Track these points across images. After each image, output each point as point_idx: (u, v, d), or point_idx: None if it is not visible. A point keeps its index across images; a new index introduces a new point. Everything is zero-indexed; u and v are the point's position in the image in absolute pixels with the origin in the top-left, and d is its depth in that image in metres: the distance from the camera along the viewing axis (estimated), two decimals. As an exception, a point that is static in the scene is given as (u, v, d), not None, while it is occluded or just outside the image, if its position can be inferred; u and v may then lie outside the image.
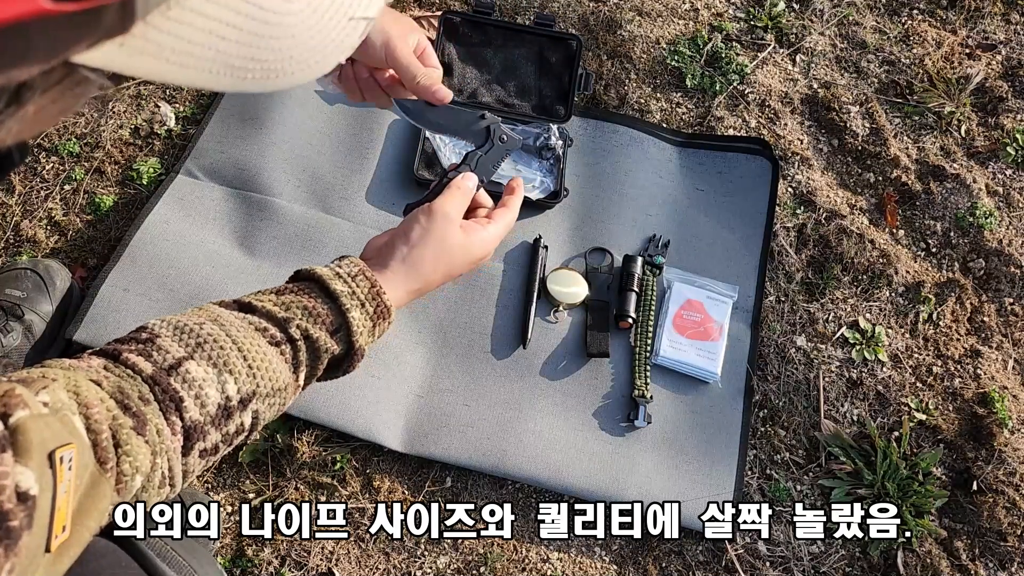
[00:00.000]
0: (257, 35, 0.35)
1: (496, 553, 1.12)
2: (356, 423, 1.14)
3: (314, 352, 0.71)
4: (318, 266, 0.76)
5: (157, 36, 0.31)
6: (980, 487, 1.18)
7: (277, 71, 0.37)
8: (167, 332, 0.66)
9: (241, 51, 0.35)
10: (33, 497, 0.46)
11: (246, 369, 0.67)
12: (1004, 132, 1.49)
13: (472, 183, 0.85)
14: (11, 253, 1.26)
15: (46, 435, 0.49)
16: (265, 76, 0.37)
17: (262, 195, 1.30)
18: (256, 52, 0.35)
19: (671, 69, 1.50)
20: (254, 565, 1.09)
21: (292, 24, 0.36)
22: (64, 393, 0.56)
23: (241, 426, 0.68)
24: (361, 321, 0.73)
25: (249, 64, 0.35)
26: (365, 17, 0.39)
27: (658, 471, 1.16)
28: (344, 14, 0.38)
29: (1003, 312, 1.34)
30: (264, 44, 0.35)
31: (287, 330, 0.70)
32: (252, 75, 0.36)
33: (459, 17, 1.42)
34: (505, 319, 1.25)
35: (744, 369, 1.24)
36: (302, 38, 0.37)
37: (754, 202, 1.37)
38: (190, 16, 0.32)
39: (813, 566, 1.15)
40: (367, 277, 0.75)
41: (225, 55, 0.34)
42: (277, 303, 0.71)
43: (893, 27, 1.60)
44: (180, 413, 0.63)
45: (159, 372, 0.63)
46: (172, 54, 0.32)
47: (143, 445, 0.59)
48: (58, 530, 0.49)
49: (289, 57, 0.37)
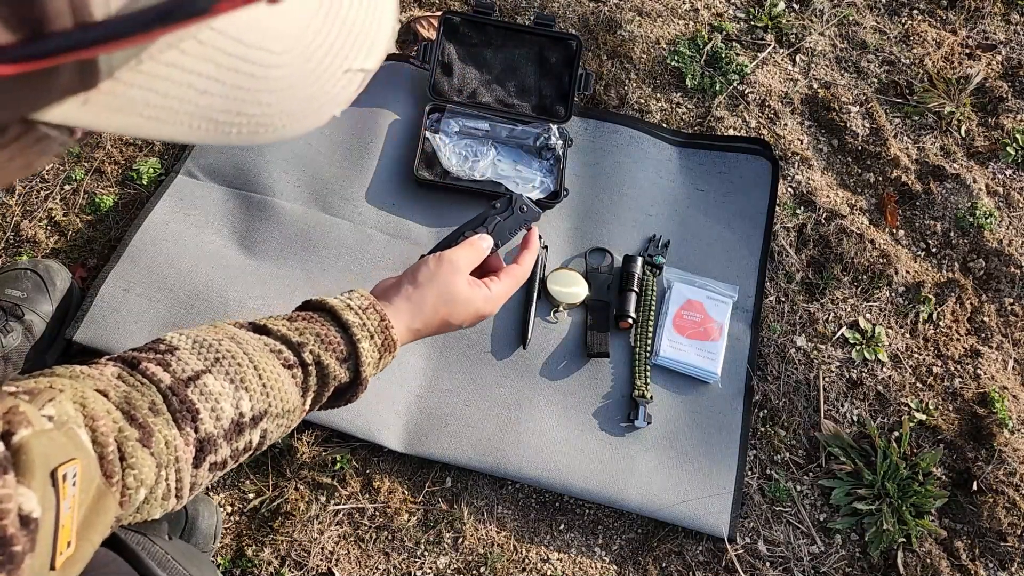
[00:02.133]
0: (241, 88, 0.33)
1: (496, 553, 1.12)
2: (356, 423, 1.14)
3: (323, 378, 0.72)
4: (329, 297, 0.78)
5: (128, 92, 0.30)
6: (980, 487, 1.18)
7: (265, 125, 0.35)
8: (186, 345, 0.67)
9: (225, 105, 0.33)
10: (36, 520, 0.46)
11: (261, 388, 0.68)
12: (1004, 132, 1.49)
13: (486, 244, 0.89)
14: (11, 253, 1.26)
15: (49, 452, 0.49)
16: (253, 131, 0.35)
17: (262, 195, 1.30)
18: (241, 106, 0.33)
19: (671, 69, 1.50)
20: (254, 565, 1.09)
21: (279, 77, 0.34)
22: (70, 405, 0.56)
23: (249, 443, 0.68)
24: (370, 352, 0.75)
25: (234, 119, 0.34)
26: (362, 69, 0.38)
27: (658, 471, 1.16)
28: (339, 66, 0.36)
29: (1003, 312, 1.34)
30: (250, 98, 0.33)
31: (300, 354, 0.71)
32: (238, 129, 0.34)
33: (459, 17, 1.42)
34: (505, 319, 1.25)
35: (744, 369, 1.24)
36: (292, 91, 0.35)
37: (754, 202, 1.37)
38: (165, 71, 0.30)
39: (813, 566, 1.15)
40: (377, 311, 0.77)
41: (207, 109, 0.32)
42: (291, 328, 0.73)
43: (893, 27, 1.60)
44: (195, 424, 0.63)
45: (177, 383, 0.64)
46: (147, 109, 0.31)
47: (148, 458, 0.59)
48: (63, 547, 0.49)
49: (279, 111, 0.35)
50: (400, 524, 1.12)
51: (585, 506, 1.17)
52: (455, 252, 0.85)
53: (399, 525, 1.12)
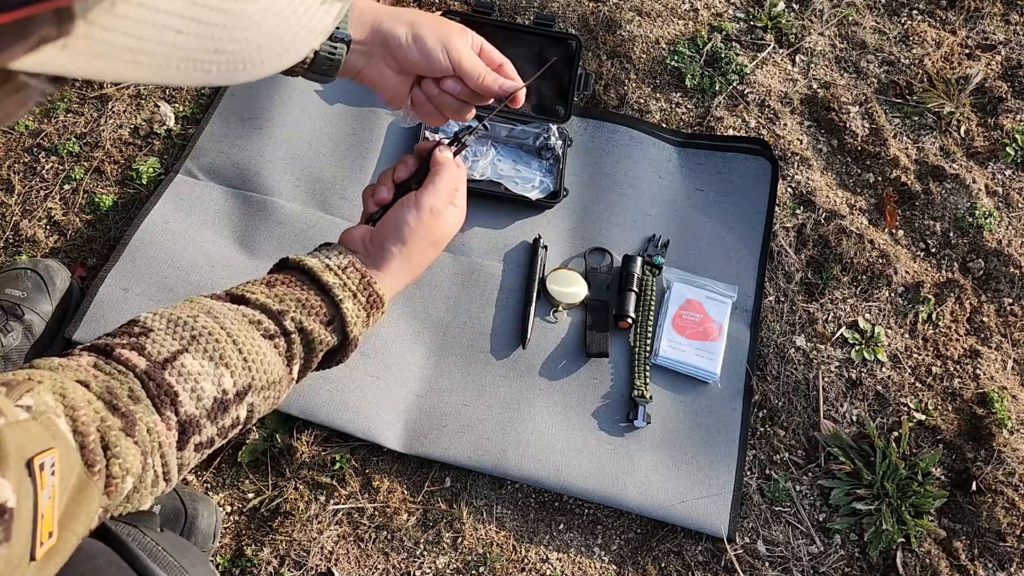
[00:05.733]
0: (217, 26, 0.33)
1: (495, 553, 1.12)
2: (355, 423, 1.14)
3: (309, 345, 0.71)
4: (307, 257, 0.75)
5: (104, 35, 0.29)
6: (979, 487, 1.18)
7: (244, 61, 0.34)
8: (160, 325, 0.66)
9: (201, 44, 0.32)
10: (11, 509, 0.46)
11: (242, 362, 0.66)
12: (1004, 132, 1.49)
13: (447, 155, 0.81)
14: (11, 253, 1.26)
15: (24, 442, 0.48)
16: (231, 68, 0.34)
17: (262, 195, 1.30)
18: (218, 44, 0.33)
19: (671, 69, 1.50)
20: (253, 565, 1.09)
21: (255, 11, 0.34)
22: (50, 396, 0.55)
23: (237, 419, 0.67)
24: (354, 312, 0.73)
25: (212, 56, 0.33)
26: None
27: (657, 471, 1.16)
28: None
29: (1002, 312, 1.34)
30: (226, 35, 0.33)
31: (282, 323, 0.70)
32: (217, 67, 0.34)
33: (459, 17, 1.42)
34: (505, 319, 1.25)
35: (743, 369, 1.24)
36: (268, 25, 0.34)
37: (754, 202, 1.37)
38: (138, 11, 0.30)
39: (812, 566, 1.15)
40: (357, 268, 0.75)
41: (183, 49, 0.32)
42: (270, 295, 0.71)
43: (893, 27, 1.60)
44: (175, 407, 0.62)
45: (153, 367, 0.63)
46: (124, 52, 0.30)
47: (132, 446, 0.58)
48: (44, 537, 0.49)
49: (256, 46, 0.34)
50: (399, 524, 1.12)
51: (584, 506, 1.17)
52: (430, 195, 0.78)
53: (398, 525, 1.12)
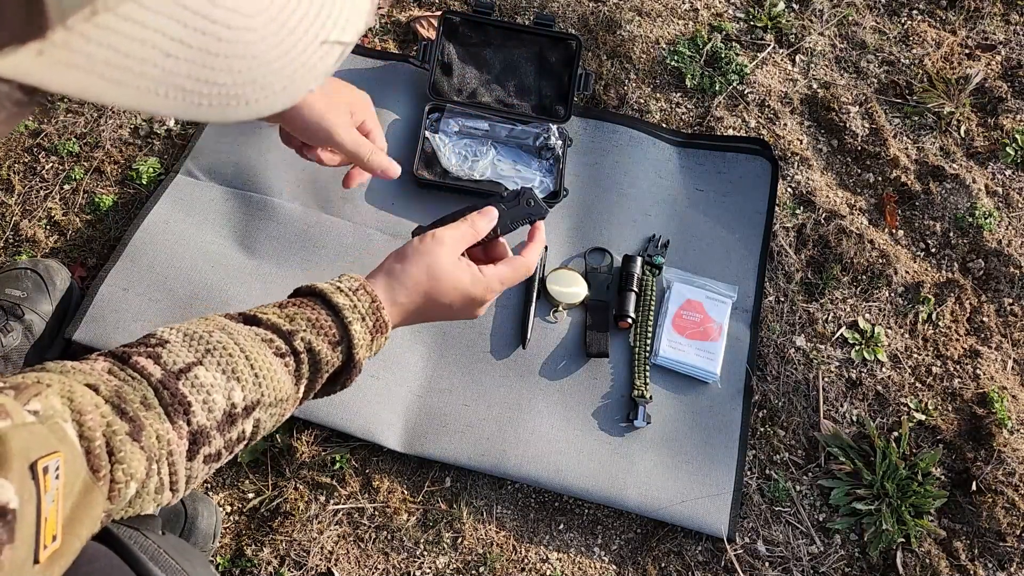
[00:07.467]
0: (210, 53, 0.31)
1: (496, 553, 1.12)
2: (355, 423, 1.14)
3: (315, 365, 0.72)
4: (319, 282, 0.77)
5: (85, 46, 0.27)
6: (979, 487, 1.18)
7: (237, 97, 0.32)
8: (177, 338, 0.67)
9: (192, 71, 0.30)
10: (13, 511, 0.46)
11: (252, 378, 0.67)
12: (1004, 132, 1.49)
13: (484, 225, 0.86)
14: (11, 253, 1.26)
15: (29, 445, 0.48)
16: (223, 103, 0.32)
17: (262, 195, 1.30)
18: (210, 74, 0.31)
19: (671, 69, 1.50)
20: (253, 565, 1.09)
21: (252, 42, 0.31)
22: (57, 399, 0.55)
23: (242, 433, 0.68)
24: (362, 334, 0.75)
25: (203, 88, 0.31)
26: (340, 42, 0.35)
27: (657, 471, 1.16)
28: (315, 35, 0.34)
29: (1002, 312, 1.34)
30: (219, 64, 0.31)
31: (291, 342, 0.71)
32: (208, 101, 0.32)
33: (459, 17, 1.42)
34: (504, 319, 1.25)
35: (743, 369, 1.24)
36: (265, 59, 0.32)
37: (753, 202, 1.37)
38: (123, 25, 0.28)
39: (812, 566, 1.15)
40: (367, 291, 0.77)
41: (173, 75, 0.30)
42: (281, 315, 0.73)
43: (893, 27, 1.60)
44: (187, 417, 0.63)
45: (168, 376, 0.63)
46: (107, 68, 0.28)
47: (138, 451, 0.58)
48: (47, 540, 0.49)
49: (251, 81, 0.32)
50: (399, 524, 1.12)
51: (584, 506, 1.17)
52: (444, 229, 0.84)
53: (398, 525, 1.12)
